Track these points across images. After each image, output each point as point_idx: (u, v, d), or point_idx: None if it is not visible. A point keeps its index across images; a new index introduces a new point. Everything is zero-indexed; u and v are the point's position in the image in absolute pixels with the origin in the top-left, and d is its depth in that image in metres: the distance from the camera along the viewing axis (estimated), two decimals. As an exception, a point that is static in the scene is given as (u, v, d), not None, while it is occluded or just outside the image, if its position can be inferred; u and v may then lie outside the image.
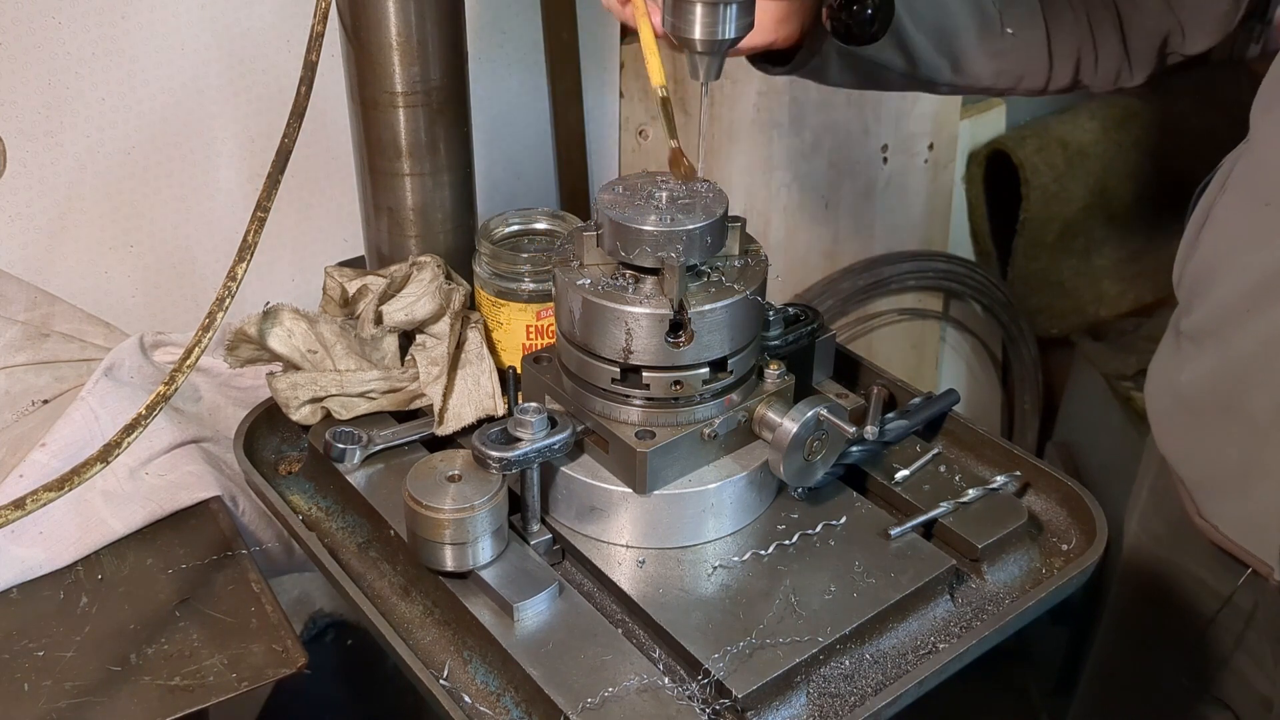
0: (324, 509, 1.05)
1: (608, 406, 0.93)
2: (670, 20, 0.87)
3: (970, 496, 0.98)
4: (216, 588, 1.01)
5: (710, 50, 0.87)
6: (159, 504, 1.07)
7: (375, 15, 1.03)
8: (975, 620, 0.91)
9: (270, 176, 0.98)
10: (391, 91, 1.06)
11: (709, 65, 0.89)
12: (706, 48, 0.87)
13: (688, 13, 0.85)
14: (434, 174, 1.12)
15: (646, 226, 0.87)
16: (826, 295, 2.06)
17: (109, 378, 1.14)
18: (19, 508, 0.80)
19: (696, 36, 0.86)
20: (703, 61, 0.88)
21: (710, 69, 0.89)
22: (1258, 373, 1.08)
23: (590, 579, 0.94)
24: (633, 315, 0.88)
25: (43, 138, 1.26)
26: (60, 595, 1.00)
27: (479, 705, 0.84)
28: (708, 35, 0.86)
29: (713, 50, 0.88)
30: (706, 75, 0.89)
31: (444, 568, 0.88)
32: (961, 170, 2.25)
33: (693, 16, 0.86)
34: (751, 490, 0.95)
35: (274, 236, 1.41)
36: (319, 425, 1.06)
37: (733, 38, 0.86)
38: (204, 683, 0.91)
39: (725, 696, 0.80)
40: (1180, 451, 1.22)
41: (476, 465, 0.89)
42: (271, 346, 1.04)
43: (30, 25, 1.21)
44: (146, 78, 1.29)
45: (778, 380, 0.97)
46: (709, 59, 0.88)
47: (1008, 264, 2.33)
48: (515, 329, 1.10)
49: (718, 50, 0.88)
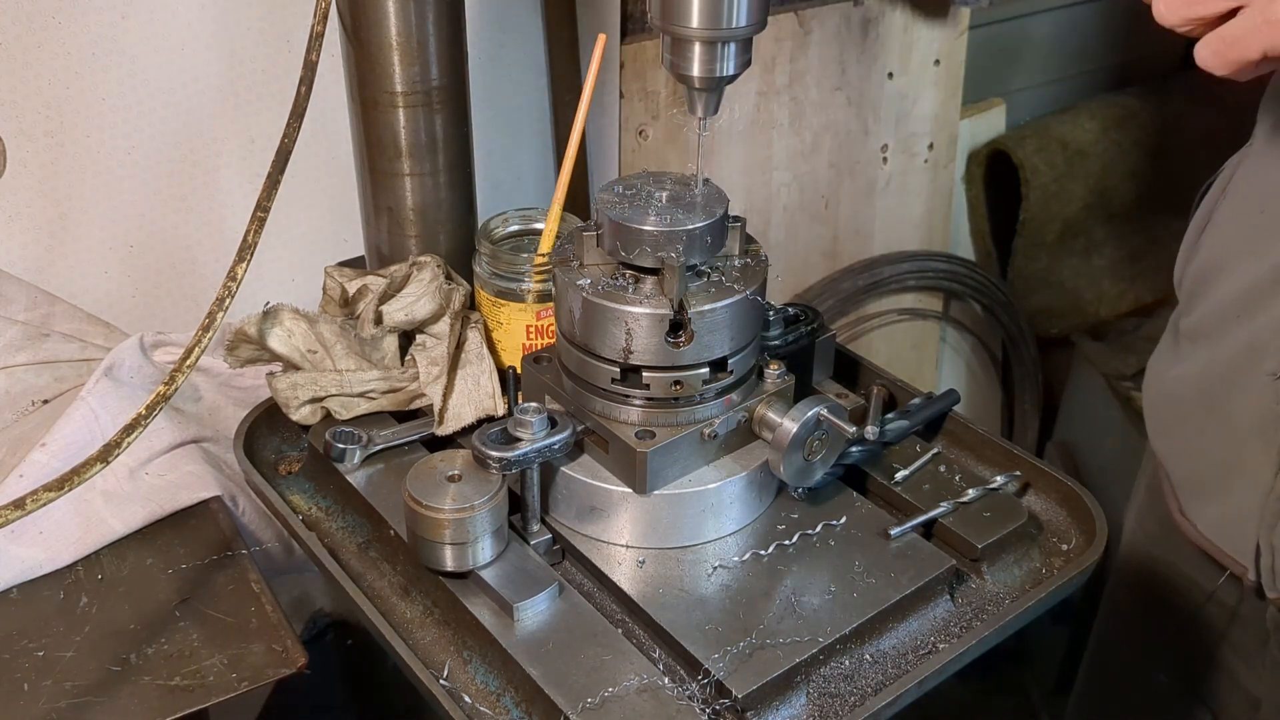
0: (324, 509, 1.05)
1: (608, 406, 0.93)
2: (669, 58, 0.88)
3: (970, 496, 0.98)
4: (216, 588, 1.01)
5: (708, 87, 0.88)
6: (159, 504, 1.07)
7: (375, 15, 1.03)
8: (975, 620, 0.91)
9: (270, 176, 0.98)
10: (391, 91, 1.06)
11: (707, 101, 0.90)
12: (705, 84, 0.88)
13: (686, 51, 0.86)
14: (434, 174, 1.12)
15: (646, 226, 0.87)
16: (826, 295, 2.06)
17: (109, 378, 1.14)
18: (19, 508, 0.80)
19: (695, 74, 0.87)
20: (700, 97, 0.89)
21: (709, 105, 0.90)
22: (1239, 377, 1.08)
23: (590, 579, 0.94)
24: (633, 315, 0.88)
25: (43, 138, 1.26)
26: (60, 595, 1.00)
27: (479, 705, 0.84)
28: (706, 73, 0.87)
29: (711, 87, 0.88)
30: (705, 111, 0.90)
31: (444, 568, 0.88)
32: (961, 170, 2.25)
33: (691, 55, 0.86)
34: (751, 490, 0.95)
35: (274, 236, 1.40)
36: (319, 425, 1.06)
37: (731, 74, 0.87)
38: (204, 683, 0.91)
39: (725, 696, 0.80)
40: (1168, 448, 1.23)
41: (476, 465, 0.89)
42: (271, 346, 1.04)
43: (30, 25, 1.21)
44: (146, 78, 1.29)
45: (778, 380, 0.97)
46: (707, 95, 0.89)
47: (1008, 264, 2.33)
48: (515, 329, 1.10)
49: (716, 87, 0.89)
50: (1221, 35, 0.78)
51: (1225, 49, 0.78)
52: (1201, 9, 0.78)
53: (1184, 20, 0.79)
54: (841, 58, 1.90)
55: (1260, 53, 0.77)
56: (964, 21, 2.02)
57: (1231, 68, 0.79)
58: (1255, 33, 0.76)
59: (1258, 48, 0.76)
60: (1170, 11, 0.79)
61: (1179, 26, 0.80)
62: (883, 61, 1.96)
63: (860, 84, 1.95)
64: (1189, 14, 0.78)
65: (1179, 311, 1.20)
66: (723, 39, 0.85)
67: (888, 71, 1.97)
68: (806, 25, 1.84)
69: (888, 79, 1.98)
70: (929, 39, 2.00)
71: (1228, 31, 0.78)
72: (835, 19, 1.87)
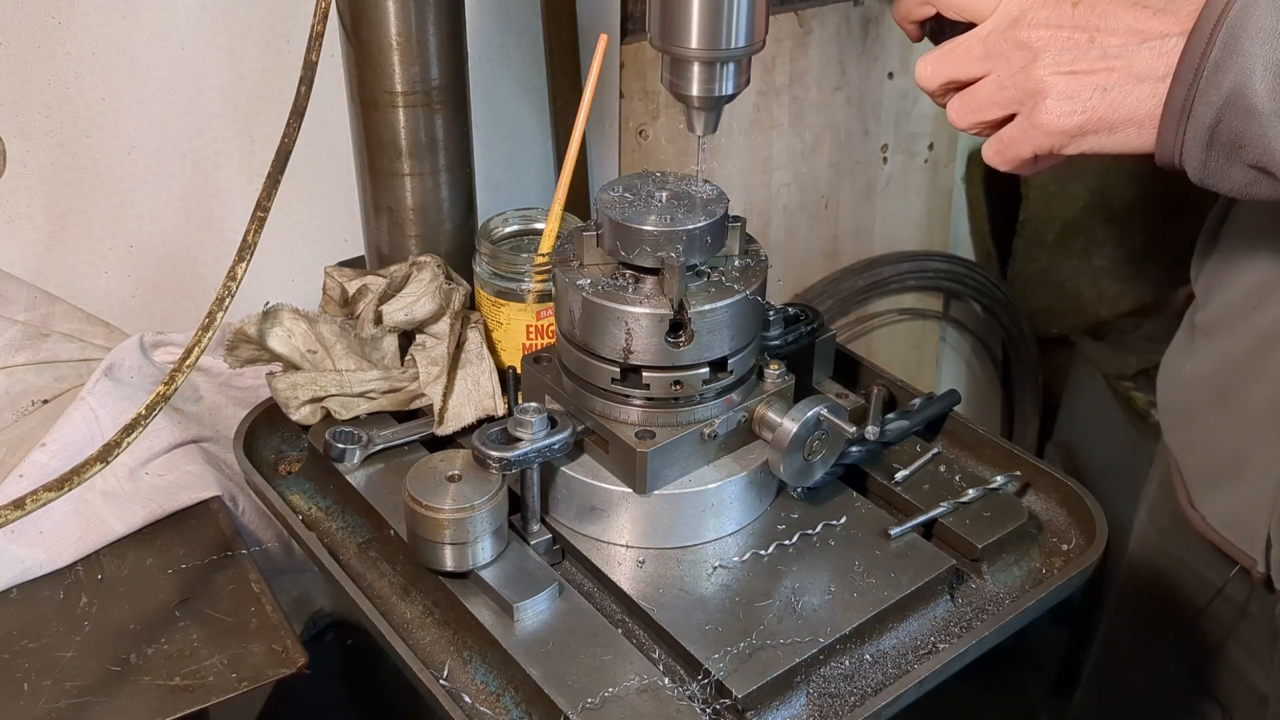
0: (324, 509, 1.05)
1: (608, 406, 0.93)
2: (668, 78, 0.88)
3: (970, 496, 0.98)
4: (216, 588, 1.01)
5: (707, 106, 0.89)
6: (159, 504, 1.07)
7: (375, 15, 1.03)
8: (975, 620, 0.91)
9: (270, 176, 0.98)
10: (391, 91, 1.06)
11: (706, 120, 0.90)
12: (704, 104, 0.89)
13: (685, 71, 0.87)
14: (434, 174, 1.12)
15: (646, 226, 0.87)
16: (826, 295, 2.06)
17: (109, 378, 1.14)
18: (19, 508, 0.80)
19: (694, 94, 0.87)
20: (699, 116, 0.90)
21: (708, 123, 0.90)
22: (1253, 367, 1.09)
23: (590, 579, 0.94)
24: (633, 315, 0.88)
25: (43, 138, 1.25)
26: (60, 595, 1.00)
27: (479, 705, 0.84)
28: (705, 93, 0.87)
29: (709, 106, 0.89)
30: (704, 129, 0.90)
31: (444, 568, 0.88)
32: (961, 170, 2.25)
33: (690, 74, 0.87)
34: (751, 490, 0.95)
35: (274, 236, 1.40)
36: (319, 425, 1.06)
37: (730, 94, 0.88)
38: (204, 683, 0.91)
39: (725, 696, 0.80)
40: (1181, 441, 1.23)
41: (476, 465, 0.89)
42: (271, 346, 1.04)
43: (30, 25, 1.21)
44: (146, 78, 1.29)
45: (778, 380, 0.97)
46: (705, 114, 0.90)
47: (1008, 264, 2.33)
48: (515, 329, 1.10)
49: (715, 106, 0.89)
50: (1000, 137, 0.86)
51: (1004, 149, 0.86)
52: (980, 116, 0.86)
53: (970, 125, 0.87)
54: (841, 58, 1.91)
55: (1032, 153, 0.84)
56: (964, 21, 2.02)
57: (1011, 165, 0.87)
58: (1025, 136, 0.84)
59: (1029, 149, 0.84)
60: (959, 119, 0.88)
61: (968, 130, 0.88)
62: (883, 61, 1.96)
63: (860, 84, 1.95)
64: (972, 119, 0.86)
65: (1194, 306, 1.21)
66: (721, 59, 0.85)
67: (888, 71, 1.97)
68: (806, 25, 1.84)
69: (888, 79, 1.98)
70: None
71: (1005, 134, 0.86)
72: (835, 19, 1.87)
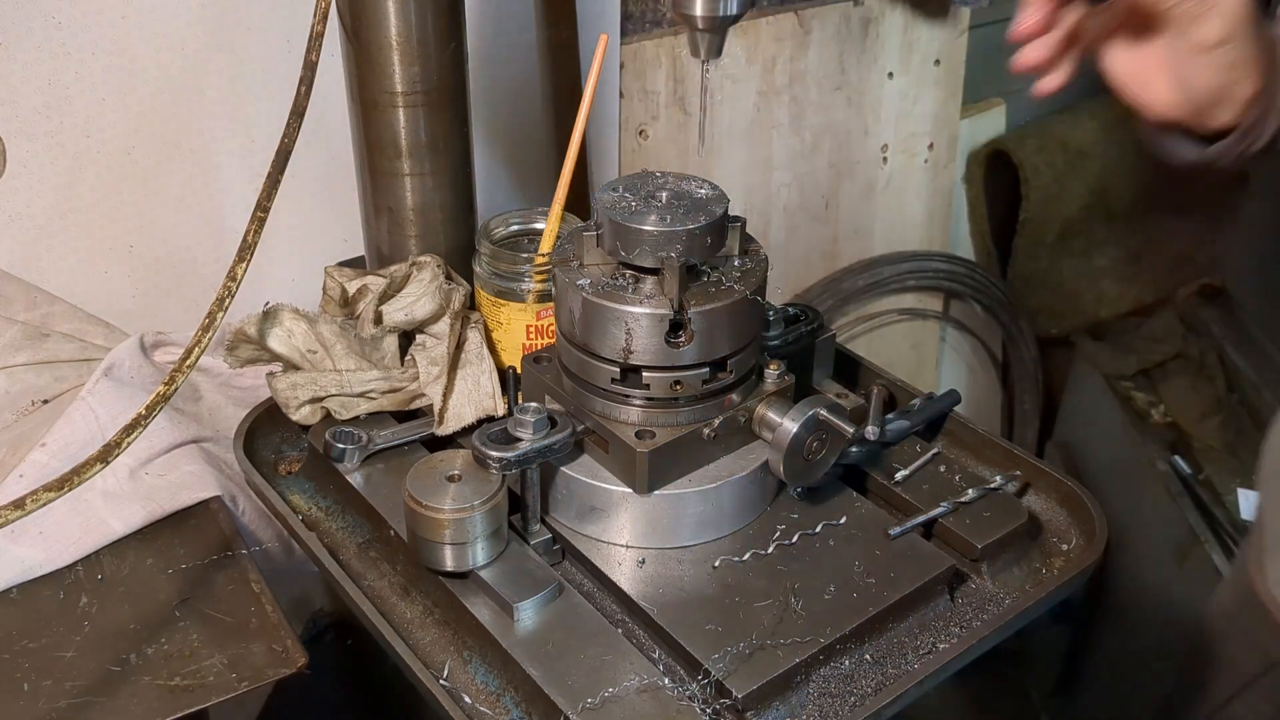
0: (324, 509, 1.05)
1: (607, 406, 0.93)
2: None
3: (970, 496, 0.98)
4: (216, 588, 1.01)
5: (711, 28, 0.87)
6: (159, 504, 1.07)
7: (375, 15, 1.03)
8: (975, 620, 0.91)
9: (270, 176, 0.98)
10: (391, 91, 1.06)
11: (710, 43, 0.88)
12: (708, 25, 0.87)
13: None
14: (434, 174, 1.12)
15: (646, 226, 0.87)
16: (826, 295, 2.06)
17: (109, 378, 1.14)
18: (19, 508, 0.80)
19: (698, 14, 0.86)
20: (703, 39, 0.88)
21: (711, 47, 0.88)
22: None
23: (590, 579, 0.94)
24: (633, 315, 0.88)
25: (43, 138, 1.25)
26: (60, 595, 1.00)
27: (479, 705, 0.84)
28: (709, 12, 0.86)
29: (713, 28, 0.87)
30: (708, 53, 0.89)
31: (444, 568, 0.88)
32: (961, 170, 2.25)
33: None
34: (751, 490, 0.95)
35: (274, 236, 1.40)
36: (319, 425, 1.06)
37: (734, 14, 0.86)
38: (204, 683, 0.91)
39: (725, 696, 0.80)
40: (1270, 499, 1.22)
41: (476, 465, 0.89)
42: (271, 346, 1.04)
43: (30, 25, 1.21)
44: (146, 78, 1.28)
45: (778, 380, 0.97)
46: (709, 36, 0.88)
47: (1008, 264, 2.33)
48: (515, 329, 1.10)
49: (718, 28, 0.87)
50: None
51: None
52: None
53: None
54: (841, 58, 1.90)
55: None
56: (964, 21, 2.02)
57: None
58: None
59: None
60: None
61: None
62: (883, 62, 1.96)
63: (860, 84, 1.95)
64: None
65: None
66: None
67: (888, 71, 1.97)
68: (806, 25, 1.84)
69: (888, 79, 1.98)
70: (929, 39, 2.00)
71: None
72: (835, 19, 1.87)
